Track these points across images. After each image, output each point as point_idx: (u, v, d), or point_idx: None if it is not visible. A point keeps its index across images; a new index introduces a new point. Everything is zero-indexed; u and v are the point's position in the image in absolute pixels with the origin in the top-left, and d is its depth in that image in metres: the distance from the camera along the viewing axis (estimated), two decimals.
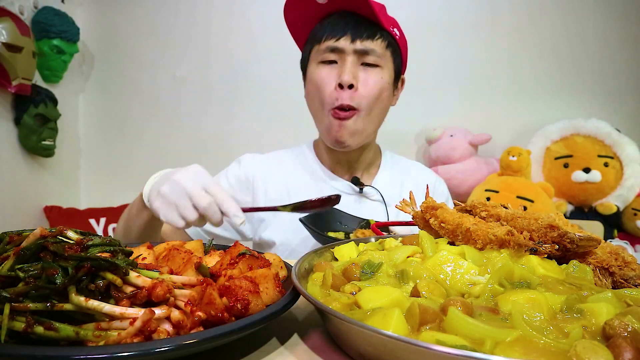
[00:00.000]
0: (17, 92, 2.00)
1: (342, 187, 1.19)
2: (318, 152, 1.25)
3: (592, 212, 1.89)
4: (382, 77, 1.09)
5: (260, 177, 1.20)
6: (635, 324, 0.38)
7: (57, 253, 0.44)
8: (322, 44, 1.08)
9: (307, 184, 1.19)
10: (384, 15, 1.09)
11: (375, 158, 1.27)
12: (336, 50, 1.07)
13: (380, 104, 1.10)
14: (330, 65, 1.09)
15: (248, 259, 0.58)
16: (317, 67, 1.11)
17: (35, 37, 2.14)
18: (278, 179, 1.20)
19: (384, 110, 1.15)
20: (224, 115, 2.44)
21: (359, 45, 1.06)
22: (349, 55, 1.06)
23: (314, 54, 1.12)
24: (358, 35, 1.05)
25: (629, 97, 2.08)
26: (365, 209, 1.16)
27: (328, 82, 1.08)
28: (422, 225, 0.75)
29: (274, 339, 0.52)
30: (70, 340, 0.41)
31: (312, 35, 1.13)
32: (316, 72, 1.10)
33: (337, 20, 1.08)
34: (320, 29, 1.10)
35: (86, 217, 2.36)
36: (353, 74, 1.06)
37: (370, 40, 1.06)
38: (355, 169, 1.22)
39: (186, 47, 2.45)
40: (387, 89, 1.10)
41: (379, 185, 1.21)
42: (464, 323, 0.40)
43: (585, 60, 2.10)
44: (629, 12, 2.06)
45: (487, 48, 2.18)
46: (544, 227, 0.58)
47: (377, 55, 1.07)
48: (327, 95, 1.08)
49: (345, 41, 1.06)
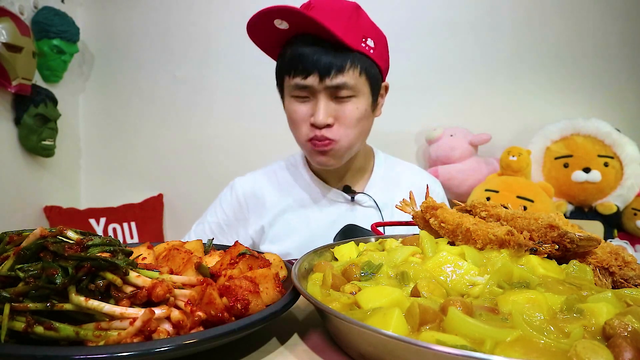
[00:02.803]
0: (17, 92, 2.00)
1: (334, 197, 1.18)
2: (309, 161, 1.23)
3: (592, 212, 1.89)
4: (358, 107, 1.04)
5: (253, 199, 1.21)
6: (635, 324, 0.38)
7: (57, 253, 0.44)
8: (292, 79, 1.03)
9: (300, 199, 1.19)
10: (351, 30, 1.00)
11: (367, 162, 1.24)
12: (306, 88, 1.02)
13: (360, 129, 1.07)
14: (303, 101, 1.05)
15: (248, 259, 0.58)
16: (290, 101, 1.07)
17: (35, 37, 2.14)
18: (272, 197, 1.20)
19: (366, 131, 1.12)
20: (224, 115, 2.44)
21: (329, 83, 0.99)
22: (320, 93, 1.01)
23: (286, 87, 1.07)
24: (325, 72, 0.98)
25: (629, 97, 2.08)
26: (359, 216, 1.15)
27: (302, 119, 1.05)
28: (422, 225, 0.75)
29: (274, 339, 0.52)
30: (70, 340, 0.41)
31: (280, 61, 1.08)
32: (290, 106, 1.07)
33: (302, 51, 1.00)
34: (287, 59, 1.04)
35: (86, 217, 2.36)
36: (327, 113, 1.01)
37: (341, 74, 0.99)
38: (345, 177, 1.20)
39: (186, 47, 2.45)
40: (365, 115, 1.07)
41: (372, 191, 1.19)
42: (464, 323, 0.40)
43: (585, 60, 2.10)
44: (629, 12, 2.06)
45: (487, 48, 2.18)
46: (544, 227, 0.58)
47: (349, 87, 1.01)
48: (303, 131, 1.06)
49: (313, 79, 1.00)
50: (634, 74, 2.07)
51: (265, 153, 1.40)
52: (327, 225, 1.13)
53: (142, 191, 2.49)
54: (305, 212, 1.17)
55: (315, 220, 1.16)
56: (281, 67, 1.07)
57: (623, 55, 2.07)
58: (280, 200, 1.20)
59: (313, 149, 1.07)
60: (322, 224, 1.15)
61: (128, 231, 2.40)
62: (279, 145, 1.66)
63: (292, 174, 1.24)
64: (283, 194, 1.20)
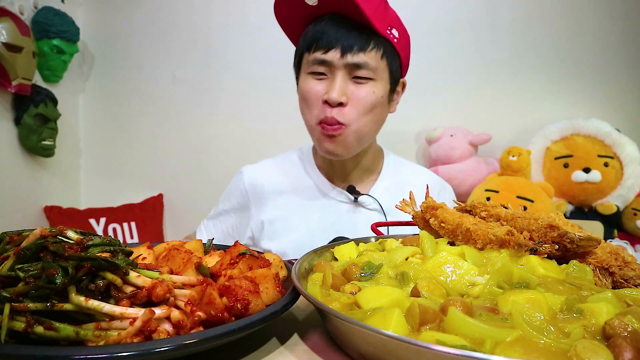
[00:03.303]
0: (17, 92, 2.00)
1: (337, 196, 1.16)
2: (316, 157, 1.22)
3: (592, 212, 1.89)
4: (375, 91, 1.02)
5: (257, 190, 1.20)
6: (635, 324, 0.38)
7: (57, 253, 0.44)
8: (311, 54, 1.01)
9: (303, 195, 1.17)
10: (379, 16, 0.99)
11: (376, 163, 1.21)
12: (325, 63, 1.00)
13: (372, 118, 1.05)
14: (320, 79, 1.03)
15: (248, 259, 0.58)
16: (306, 78, 1.05)
17: (35, 37, 2.14)
18: (275, 190, 1.19)
19: (378, 122, 1.09)
20: (225, 115, 2.44)
21: (350, 59, 0.98)
22: (338, 70, 0.99)
23: (304, 64, 1.06)
24: (348, 48, 0.97)
25: (629, 97, 2.08)
26: (361, 218, 1.12)
27: (316, 96, 1.02)
28: (422, 225, 0.75)
29: (274, 339, 0.52)
30: (70, 340, 0.41)
31: (302, 39, 1.06)
32: (305, 83, 1.05)
33: (326, 28, 0.99)
34: (309, 35, 1.03)
35: (86, 217, 2.36)
36: (342, 90, 0.99)
37: (363, 52, 0.98)
38: (351, 175, 1.17)
39: (186, 47, 2.45)
40: (380, 102, 1.04)
41: (378, 194, 1.15)
42: (464, 323, 0.40)
43: (585, 60, 2.10)
44: (629, 12, 2.06)
45: (487, 48, 2.18)
46: (544, 227, 0.58)
47: (369, 68, 0.99)
48: (314, 110, 1.03)
49: (334, 54, 0.98)
50: (634, 74, 2.07)
51: (265, 153, 1.40)
52: (327, 226, 1.12)
53: (142, 191, 2.49)
54: (305, 211, 1.16)
55: (315, 221, 1.14)
56: (303, 41, 1.05)
57: (623, 55, 2.07)
58: (283, 195, 1.18)
59: (322, 133, 1.04)
60: (322, 224, 1.13)
61: (128, 231, 2.40)
62: (280, 145, 1.66)
63: (301, 166, 1.22)
64: (287, 188, 1.19)
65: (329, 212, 1.15)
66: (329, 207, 1.15)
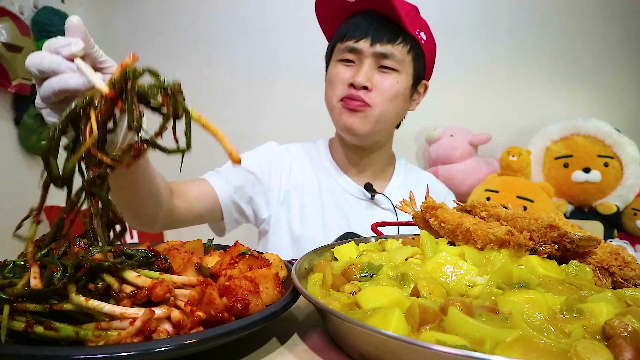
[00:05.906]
0: (17, 92, 2.00)
1: (354, 192, 1.19)
2: (332, 151, 1.25)
3: (592, 212, 1.89)
4: (398, 81, 1.08)
5: (286, 159, 1.21)
6: (635, 324, 0.38)
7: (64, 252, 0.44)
8: (343, 43, 1.09)
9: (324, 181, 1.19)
10: (410, 18, 1.08)
11: (389, 165, 1.27)
12: (355, 51, 1.07)
13: (394, 106, 1.10)
14: (348, 65, 1.10)
15: (248, 259, 0.58)
16: (335, 64, 1.12)
17: (35, 37, 2.14)
18: (295, 170, 1.20)
19: (398, 115, 1.14)
20: (225, 115, 2.43)
21: (378, 49, 1.05)
22: (367, 58, 1.07)
23: (336, 52, 1.13)
24: (378, 38, 1.05)
25: (629, 97, 2.08)
26: (375, 216, 1.16)
27: (342, 80, 1.09)
28: (422, 225, 0.75)
29: (274, 339, 0.52)
30: (70, 340, 0.41)
31: (337, 32, 1.14)
32: (333, 69, 1.12)
33: (360, 21, 1.08)
34: (344, 27, 1.11)
35: None
36: (368, 76, 1.06)
37: (391, 44, 1.06)
38: (366, 171, 1.21)
39: (186, 47, 2.45)
40: (402, 94, 1.10)
41: (391, 194, 1.20)
42: (464, 323, 0.40)
43: (585, 60, 2.10)
44: (628, 12, 2.06)
45: (487, 48, 2.17)
46: (544, 227, 0.58)
47: (396, 59, 1.07)
48: (337, 90, 1.09)
49: (365, 43, 1.06)
50: (634, 74, 2.07)
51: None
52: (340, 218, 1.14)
53: None
54: (322, 195, 1.17)
55: (330, 208, 1.16)
56: (338, 34, 1.12)
57: (623, 55, 2.07)
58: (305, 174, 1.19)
59: (343, 107, 1.08)
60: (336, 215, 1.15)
61: (128, 231, 2.40)
62: None
63: (313, 159, 1.24)
64: (309, 170, 1.20)
65: (345, 204, 1.17)
66: (345, 200, 1.18)
